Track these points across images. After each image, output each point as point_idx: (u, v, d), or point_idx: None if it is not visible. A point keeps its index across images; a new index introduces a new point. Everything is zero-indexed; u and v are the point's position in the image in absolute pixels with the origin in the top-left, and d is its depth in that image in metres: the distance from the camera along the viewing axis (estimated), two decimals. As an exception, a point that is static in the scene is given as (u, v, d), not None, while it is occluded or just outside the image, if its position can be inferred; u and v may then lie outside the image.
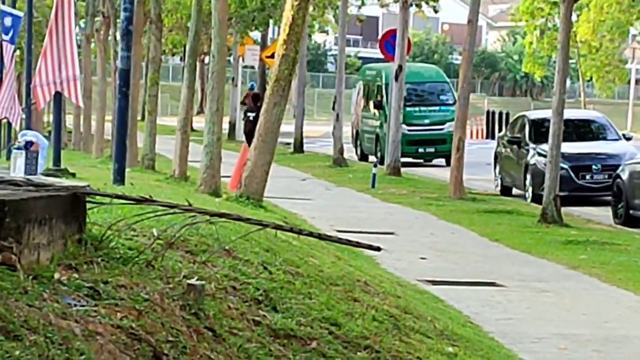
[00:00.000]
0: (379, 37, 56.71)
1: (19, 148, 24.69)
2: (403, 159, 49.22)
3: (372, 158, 52.74)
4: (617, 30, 77.01)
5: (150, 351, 8.98)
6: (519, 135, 42.75)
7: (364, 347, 11.14)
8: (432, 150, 55.80)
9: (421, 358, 11.85)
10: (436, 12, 64.81)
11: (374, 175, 43.85)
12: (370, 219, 30.13)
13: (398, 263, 20.85)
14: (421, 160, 55.71)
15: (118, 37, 30.20)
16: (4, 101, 38.52)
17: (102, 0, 50.03)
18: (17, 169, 21.09)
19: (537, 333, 16.37)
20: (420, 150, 56.02)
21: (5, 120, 40.15)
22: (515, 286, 21.07)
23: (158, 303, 9.60)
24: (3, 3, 45.63)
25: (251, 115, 51.88)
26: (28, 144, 23.37)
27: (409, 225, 30.18)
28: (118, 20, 33.62)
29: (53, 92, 26.11)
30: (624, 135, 45.55)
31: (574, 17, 40.10)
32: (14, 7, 43.51)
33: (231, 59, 65.47)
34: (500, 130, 62.36)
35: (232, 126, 66.81)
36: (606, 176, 38.27)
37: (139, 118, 47.97)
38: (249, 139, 48.04)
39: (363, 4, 67.07)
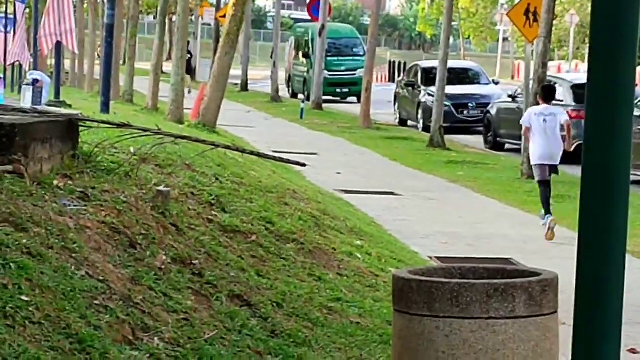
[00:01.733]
0: (307, 2, 56.55)
1: (27, 84, 24.54)
2: (324, 97, 49.25)
3: (300, 96, 52.58)
4: (488, 1, 77.39)
5: (127, 241, 9.04)
6: (413, 79, 42.98)
7: (292, 240, 11.20)
8: (347, 90, 55.74)
9: (335, 249, 11.89)
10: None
11: (302, 109, 43.92)
12: (299, 142, 30.11)
13: (319, 176, 20.86)
14: (338, 98, 55.61)
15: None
16: (16, 48, 38.70)
17: None
18: (25, 100, 20.98)
19: (425, 231, 16.45)
20: (338, 90, 55.98)
21: (17, 63, 40.10)
22: (409, 195, 21.16)
23: (134, 204, 9.64)
24: None
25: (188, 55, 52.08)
26: (35, 81, 23.21)
27: (328, 147, 30.18)
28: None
29: (55, 42, 25.97)
30: (493, 80, 46.12)
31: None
32: None
33: (193, 17, 65.25)
34: (399, 75, 62.30)
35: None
36: (479, 112, 38.47)
37: (120, 63, 47.82)
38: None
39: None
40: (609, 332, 4.27)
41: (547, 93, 19.24)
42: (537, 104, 25.95)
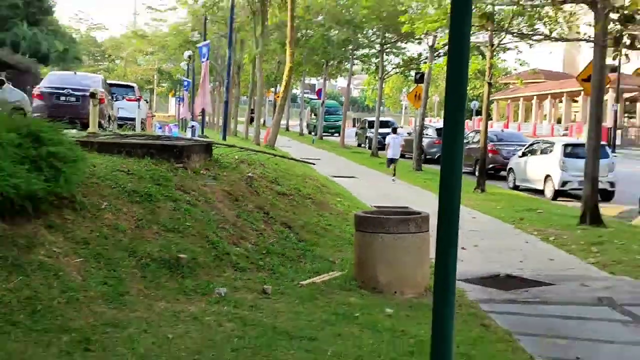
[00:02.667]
0: (316, 90, 56.56)
1: (189, 127, 24.43)
2: (324, 134, 49.06)
3: (312, 133, 52.38)
4: (397, 89, 76.87)
5: (234, 198, 9.05)
6: (363, 126, 42.73)
7: (309, 197, 11.17)
8: (334, 130, 55.25)
9: (329, 202, 11.88)
10: (335, 82, 65.11)
11: (313, 139, 43.80)
12: (312, 154, 29.97)
13: (322, 169, 20.79)
14: (330, 134, 55.39)
15: (224, 89, 30.09)
16: (184, 110, 38.60)
17: (217, 74, 49.44)
18: (188, 135, 20.79)
19: (369, 194, 16.22)
20: (330, 130, 55.68)
21: (184, 118, 40.13)
22: (362, 178, 21.06)
23: (236, 182, 9.63)
24: (186, 75, 45.41)
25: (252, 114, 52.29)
26: (192, 126, 23.11)
27: (325, 157, 30.00)
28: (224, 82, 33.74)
29: (201, 108, 25.96)
30: (399, 126, 45.86)
31: (384, 85, 40.38)
32: (187, 77, 43.39)
33: (265, 98, 65.25)
34: (357, 124, 62.34)
35: (263, 122, 66.02)
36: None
37: (231, 118, 47.90)
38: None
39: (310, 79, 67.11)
40: (452, 239, 4.27)
41: (394, 129, 22.33)
42: (421, 136, 26.09)
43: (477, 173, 19.64)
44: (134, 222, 7.14)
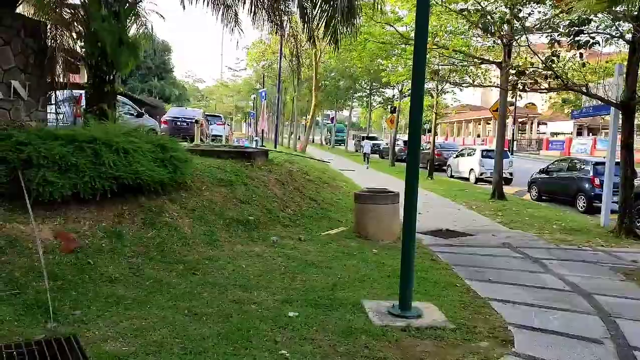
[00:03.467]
0: (330, 117, 56.02)
1: (254, 140, 24.21)
2: (335, 145, 48.53)
3: (328, 144, 51.78)
4: (380, 117, 74.49)
5: (281, 183, 8.88)
6: (359, 139, 41.64)
7: (326, 183, 10.98)
8: (341, 142, 54.38)
9: (338, 185, 11.75)
10: (342, 112, 63.81)
11: (329, 147, 43.30)
12: (328, 156, 29.79)
13: (334, 165, 20.59)
14: (339, 145, 54.56)
15: (275, 117, 29.79)
16: (251, 131, 37.98)
17: (271, 108, 47.97)
18: (254, 145, 20.62)
19: (363, 181, 15.46)
20: (339, 142, 54.68)
21: (251, 136, 39.41)
22: (358, 171, 20.76)
23: (283, 173, 9.47)
24: (252, 109, 44.22)
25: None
26: (257, 140, 22.87)
27: (337, 158, 29.77)
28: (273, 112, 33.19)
29: (262, 129, 25.81)
30: (372, 137, 41.74)
31: (372, 114, 39.55)
32: (253, 110, 42.30)
33: (299, 122, 64.33)
34: (355, 138, 61.44)
35: (298, 137, 65.09)
36: (376, 148, 34.04)
37: (280, 135, 47.27)
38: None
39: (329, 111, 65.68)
40: (413, 207, 4.23)
41: (368, 137, 20.65)
42: (394, 145, 25.68)
43: (428, 168, 19.56)
44: (221, 198, 7.16)
